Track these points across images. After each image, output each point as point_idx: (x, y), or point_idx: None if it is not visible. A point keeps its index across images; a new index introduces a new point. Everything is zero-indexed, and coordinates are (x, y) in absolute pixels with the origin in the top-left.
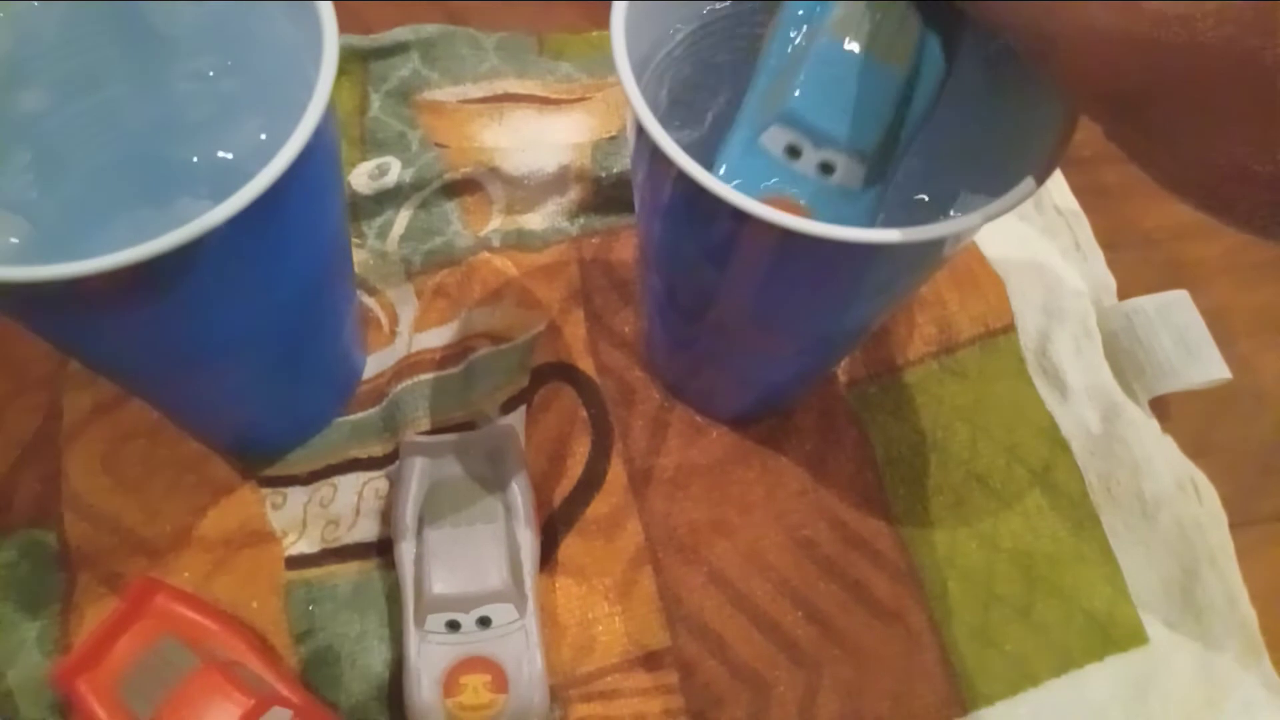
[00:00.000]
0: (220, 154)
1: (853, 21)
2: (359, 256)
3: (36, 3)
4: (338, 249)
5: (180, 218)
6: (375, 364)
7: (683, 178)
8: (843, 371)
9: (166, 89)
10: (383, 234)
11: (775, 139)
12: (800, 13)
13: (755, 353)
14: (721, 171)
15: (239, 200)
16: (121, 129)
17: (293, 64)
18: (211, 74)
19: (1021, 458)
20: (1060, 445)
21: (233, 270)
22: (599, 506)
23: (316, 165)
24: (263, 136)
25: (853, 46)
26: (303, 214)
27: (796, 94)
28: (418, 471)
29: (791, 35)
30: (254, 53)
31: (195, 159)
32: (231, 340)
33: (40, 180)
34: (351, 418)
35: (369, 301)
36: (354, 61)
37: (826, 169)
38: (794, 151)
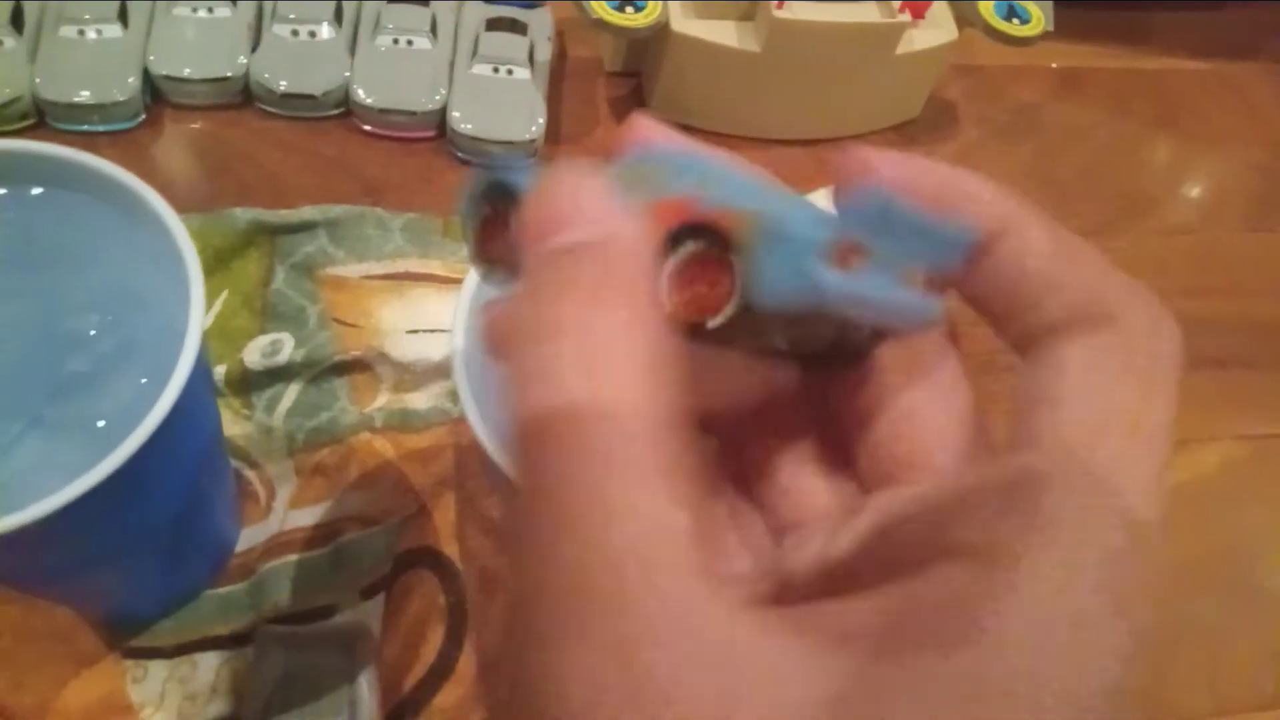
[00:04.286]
0: (98, 423)
1: None
2: (244, 429)
3: None
4: (209, 464)
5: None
6: (249, 537)
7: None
8: None
9: (53, 336)
10: (270, 408)
11: None
12: None
13: None
14: None
15: (89, 480)
16: (8, 355)
17: (172, 312)
18: (93, 333)
19: None
20: None
21: (94, 521)
22: (446, 696)
23: (179, 423)
24: (143, 381)
25: None
26: (166, 464)
27: None
28: (271, 660)
29: None
30: (136, 309)
31: (70, 422)
32: (99, 557)
33: None
34: (219, 591)
35: (249, 475)
36: (263, 235)
37: None
38: None
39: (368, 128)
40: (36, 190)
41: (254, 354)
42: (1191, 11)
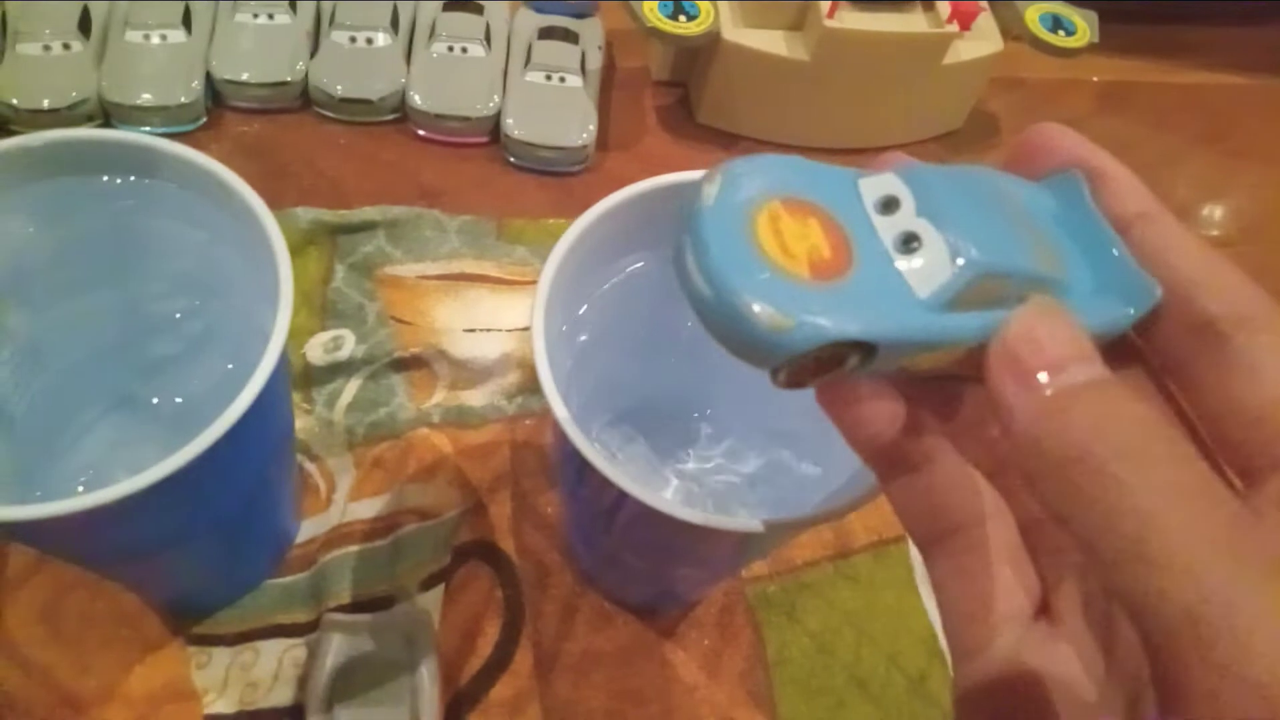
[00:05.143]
0: (177, 399)
1: None
2: (305, 423)
3: (33, 230)
4: (281, 454)
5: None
6: (310, 529)
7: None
8: (746, 568)
9: (140, 318)
10: (330, 402)
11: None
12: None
13: (658, 566)
14: None
15: (175, 461)
16: (98, 336)
17: (252, 303)
18: (179, 316)
19: (901, 665)
20: (938, 656)
21: (172, 502)
22: (503, 689)
23: (261, 411)
24: (229, 367)
25: None
26: (244, 450)
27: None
28: (334, 648)
29: None
30: (219, 296)
31: (155, 399)
32: (171, 541)
33: (16, 374)
34: (281, 581)
35: (310, 467)
36: (323, 234)
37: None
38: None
39: (422, 133)
40: (128, 179)
41: (316, 350)
42: (1234, 27)
